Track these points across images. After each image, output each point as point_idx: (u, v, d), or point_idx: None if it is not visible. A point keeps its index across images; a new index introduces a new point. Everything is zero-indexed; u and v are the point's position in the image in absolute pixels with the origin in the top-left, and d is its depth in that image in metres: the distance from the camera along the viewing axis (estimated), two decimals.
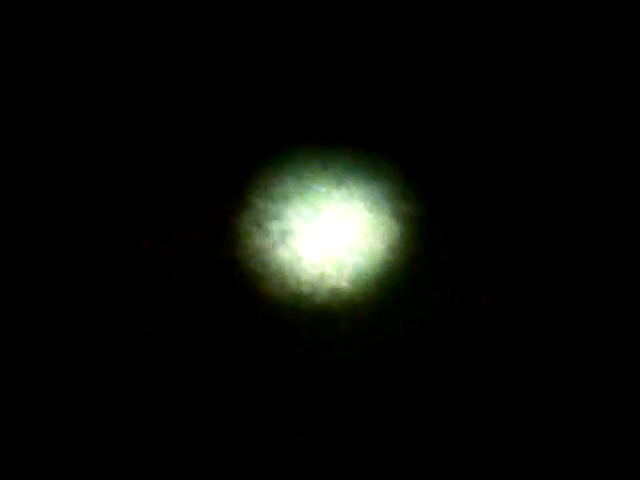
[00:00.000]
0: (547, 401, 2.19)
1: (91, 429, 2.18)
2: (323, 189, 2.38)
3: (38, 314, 2.27)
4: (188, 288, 2.29)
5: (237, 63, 2.45)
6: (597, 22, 2.32)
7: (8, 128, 2.43)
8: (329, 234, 2.34)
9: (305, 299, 2.31)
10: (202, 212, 2.36)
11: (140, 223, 2.38)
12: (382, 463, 2.16)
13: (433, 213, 2.32)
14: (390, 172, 2.40)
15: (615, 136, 2.31)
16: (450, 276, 2.26)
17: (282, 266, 2.33)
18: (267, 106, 2.40)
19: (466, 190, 2.31)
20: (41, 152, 2.42)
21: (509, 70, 2.36)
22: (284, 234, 2.36)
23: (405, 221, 2.35)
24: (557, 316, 2.24)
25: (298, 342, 2.24)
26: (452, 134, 2.34)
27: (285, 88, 2.41)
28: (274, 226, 2.37)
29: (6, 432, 2.17)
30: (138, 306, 2.30)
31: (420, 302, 2.24)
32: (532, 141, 2.33)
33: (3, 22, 2.50)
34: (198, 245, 2.34)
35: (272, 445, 2.17)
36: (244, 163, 2.41)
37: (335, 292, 2.31)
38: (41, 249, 2.34)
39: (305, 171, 2.40)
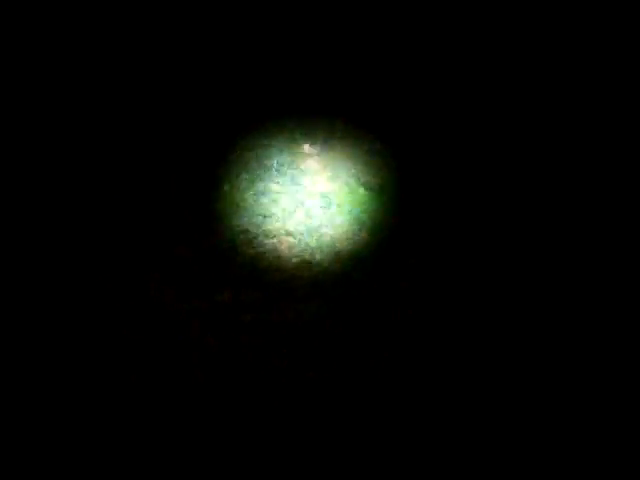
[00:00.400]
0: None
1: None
2: (295, 160, 2.53)
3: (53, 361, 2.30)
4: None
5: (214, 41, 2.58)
6: (597, 22, 2.35)
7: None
8: (303, 202, 2.48)
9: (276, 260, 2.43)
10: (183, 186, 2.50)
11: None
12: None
13: (394, 184, 2.41)
14: (360, 145, 2.54)
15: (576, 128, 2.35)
16: (410, 244, 2.36)
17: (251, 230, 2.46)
18: (246, 82, 2.53)
19: (432, 167, 2.42)
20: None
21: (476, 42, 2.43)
22: (258, 198, 2.49)
23: (371, 190, 2.46)
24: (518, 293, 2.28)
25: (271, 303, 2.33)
26: (422, 114, 2.44)
27: (265, 62, 2.52)
28: (250, 196, 2.50)
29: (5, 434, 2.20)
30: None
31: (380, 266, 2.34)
32: (492, 117, 2.45)
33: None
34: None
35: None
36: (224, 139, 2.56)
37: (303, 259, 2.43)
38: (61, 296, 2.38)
39: (280, 142, 2.55)
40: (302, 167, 2.58)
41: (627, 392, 2.15)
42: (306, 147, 2.52)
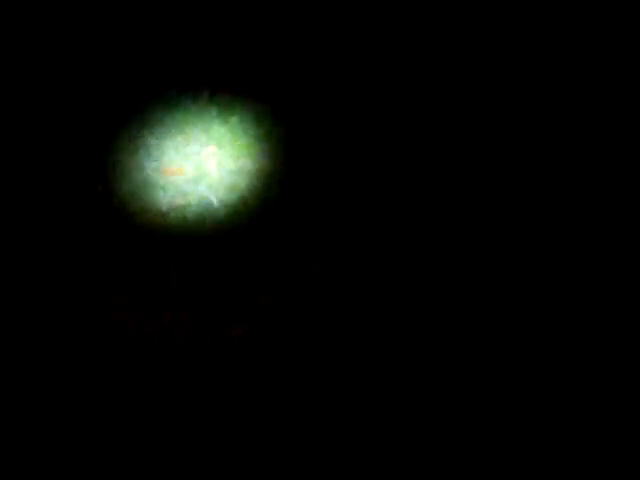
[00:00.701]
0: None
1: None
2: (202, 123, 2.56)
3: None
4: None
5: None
6: (597, 22, 2.34)
7: None
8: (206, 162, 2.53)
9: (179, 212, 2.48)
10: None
11: None
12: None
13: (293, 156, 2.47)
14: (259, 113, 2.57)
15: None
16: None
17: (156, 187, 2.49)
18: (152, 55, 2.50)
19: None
20: None
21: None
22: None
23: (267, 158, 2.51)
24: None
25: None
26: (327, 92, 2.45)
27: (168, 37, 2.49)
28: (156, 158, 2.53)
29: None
30: None
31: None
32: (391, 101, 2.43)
33: None
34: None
35: None
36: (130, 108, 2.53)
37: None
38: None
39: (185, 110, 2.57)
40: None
41: (627, 392, 2.18)
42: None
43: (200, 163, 2.54)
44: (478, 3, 2.32)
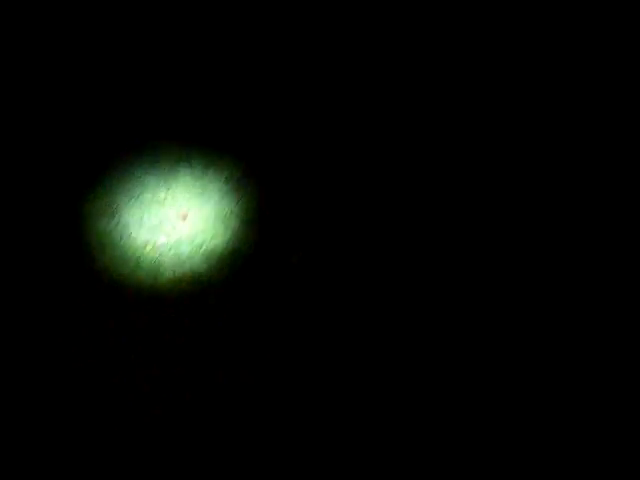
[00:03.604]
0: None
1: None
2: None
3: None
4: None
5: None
6: (597, 22, 2.39)
7: None
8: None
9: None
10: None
11: None
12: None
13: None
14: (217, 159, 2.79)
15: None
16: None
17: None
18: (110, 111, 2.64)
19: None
20: None
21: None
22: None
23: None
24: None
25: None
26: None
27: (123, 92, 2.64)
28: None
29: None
30: None
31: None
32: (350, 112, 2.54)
33: None
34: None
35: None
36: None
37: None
38: None
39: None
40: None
41: (627, 392, 2.19)
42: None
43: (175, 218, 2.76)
44: (477, 4, 2.34)
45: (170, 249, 2.68)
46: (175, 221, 2.76)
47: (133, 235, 2.71)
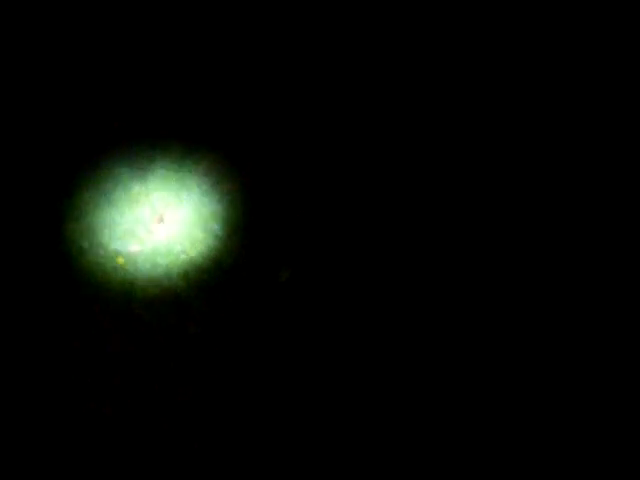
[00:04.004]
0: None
1: None
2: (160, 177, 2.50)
3: None
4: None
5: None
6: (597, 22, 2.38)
7: None
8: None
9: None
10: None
11: None
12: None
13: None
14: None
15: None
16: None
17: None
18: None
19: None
20: None
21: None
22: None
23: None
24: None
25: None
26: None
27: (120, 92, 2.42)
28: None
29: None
30: None
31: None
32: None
33: None
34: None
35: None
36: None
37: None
38: None
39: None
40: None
41: (627, 392, 2.20)
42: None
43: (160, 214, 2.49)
44: (477, 4, 2.33)
45: (144, 261, 2.40)
46: (150, 224, 2.46)
47: (102, 242, 2.42)
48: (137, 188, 2.50)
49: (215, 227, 2.46)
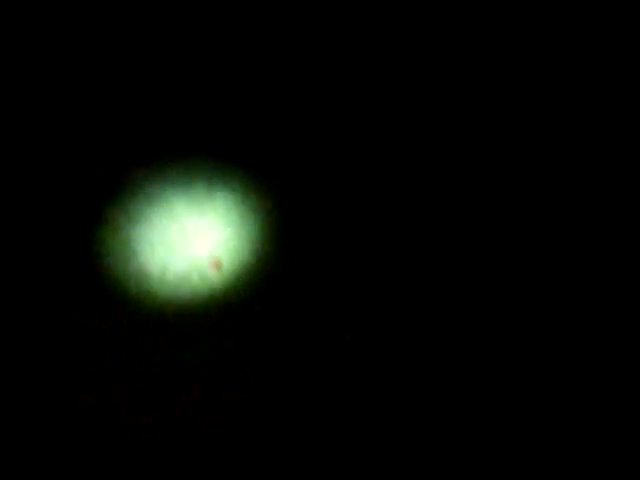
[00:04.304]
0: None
1: None
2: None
3: None
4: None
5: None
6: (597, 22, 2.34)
7: None
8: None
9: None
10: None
11: None
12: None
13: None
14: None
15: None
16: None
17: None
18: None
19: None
20: None
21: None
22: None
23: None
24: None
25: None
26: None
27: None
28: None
29: None
30: None
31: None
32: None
33: None
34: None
35: None
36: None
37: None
38: None
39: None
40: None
41: (627, 392, 2.21)
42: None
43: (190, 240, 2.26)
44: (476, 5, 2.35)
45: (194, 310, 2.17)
46: (205, 269, 2.21)
47: (151, 289, 2.19)
48: (193, 225, 2.23)
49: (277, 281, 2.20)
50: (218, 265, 2.20)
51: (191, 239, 2.23)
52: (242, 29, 2.37)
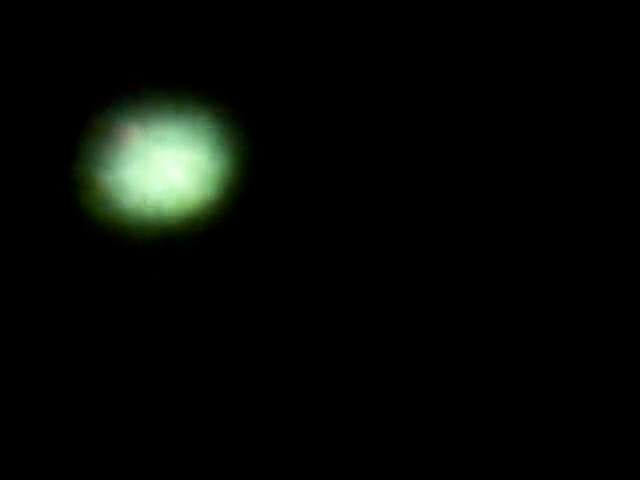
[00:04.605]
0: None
1: None
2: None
3: None
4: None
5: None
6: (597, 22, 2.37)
7: None
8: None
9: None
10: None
11: None
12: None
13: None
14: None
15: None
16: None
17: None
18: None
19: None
20: None
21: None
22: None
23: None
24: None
25: None
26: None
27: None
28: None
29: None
30: None
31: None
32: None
33: None
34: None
35: None
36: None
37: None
38: None
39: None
40: None
41: (627, 392, 2.21)
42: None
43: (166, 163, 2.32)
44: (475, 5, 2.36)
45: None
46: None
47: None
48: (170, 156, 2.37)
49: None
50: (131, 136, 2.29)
51: (167, 168, 2.36)
52: None
